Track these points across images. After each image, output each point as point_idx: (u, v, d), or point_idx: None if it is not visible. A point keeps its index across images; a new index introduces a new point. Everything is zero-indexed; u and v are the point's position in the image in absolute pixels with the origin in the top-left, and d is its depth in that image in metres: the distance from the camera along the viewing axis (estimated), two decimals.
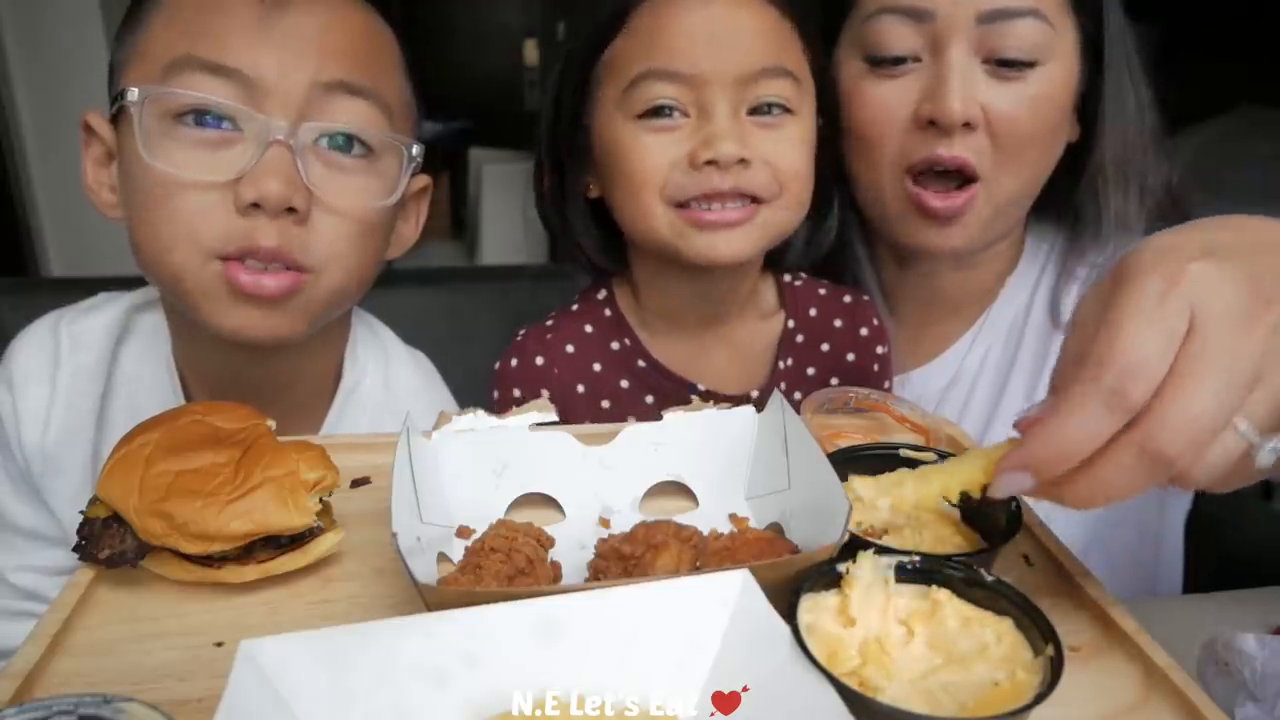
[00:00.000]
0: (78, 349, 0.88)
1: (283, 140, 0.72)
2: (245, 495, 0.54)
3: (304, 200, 0.73)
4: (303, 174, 0.73)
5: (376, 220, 0.80)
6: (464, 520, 0.61)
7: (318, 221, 0.76)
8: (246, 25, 0.73)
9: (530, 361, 0.89)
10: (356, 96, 0.76)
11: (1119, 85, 0.88)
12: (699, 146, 0.77)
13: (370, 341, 0.97)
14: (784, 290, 0.94)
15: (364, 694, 0.42)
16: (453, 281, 1.42)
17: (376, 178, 0.79)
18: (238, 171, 0.72)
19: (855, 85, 0.88)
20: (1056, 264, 0.98)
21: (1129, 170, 0.91)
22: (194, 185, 0.73)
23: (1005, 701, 0.44)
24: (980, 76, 0.83)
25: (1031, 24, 0.82)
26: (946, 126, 0.83)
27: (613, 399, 0.89)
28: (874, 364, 0.93)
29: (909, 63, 0.85)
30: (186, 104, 0.72)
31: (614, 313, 0.92)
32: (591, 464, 0.66)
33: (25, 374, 0.87)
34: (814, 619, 0.48)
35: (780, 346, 0.91)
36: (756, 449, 0.66)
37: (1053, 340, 0.96)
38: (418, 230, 0.92)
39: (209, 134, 0.73)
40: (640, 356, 0.91)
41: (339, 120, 0.76)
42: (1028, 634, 0.48)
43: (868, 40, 0.86)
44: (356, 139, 0.77)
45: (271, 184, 0.71)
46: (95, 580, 0.55)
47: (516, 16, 3.65)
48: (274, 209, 0.72)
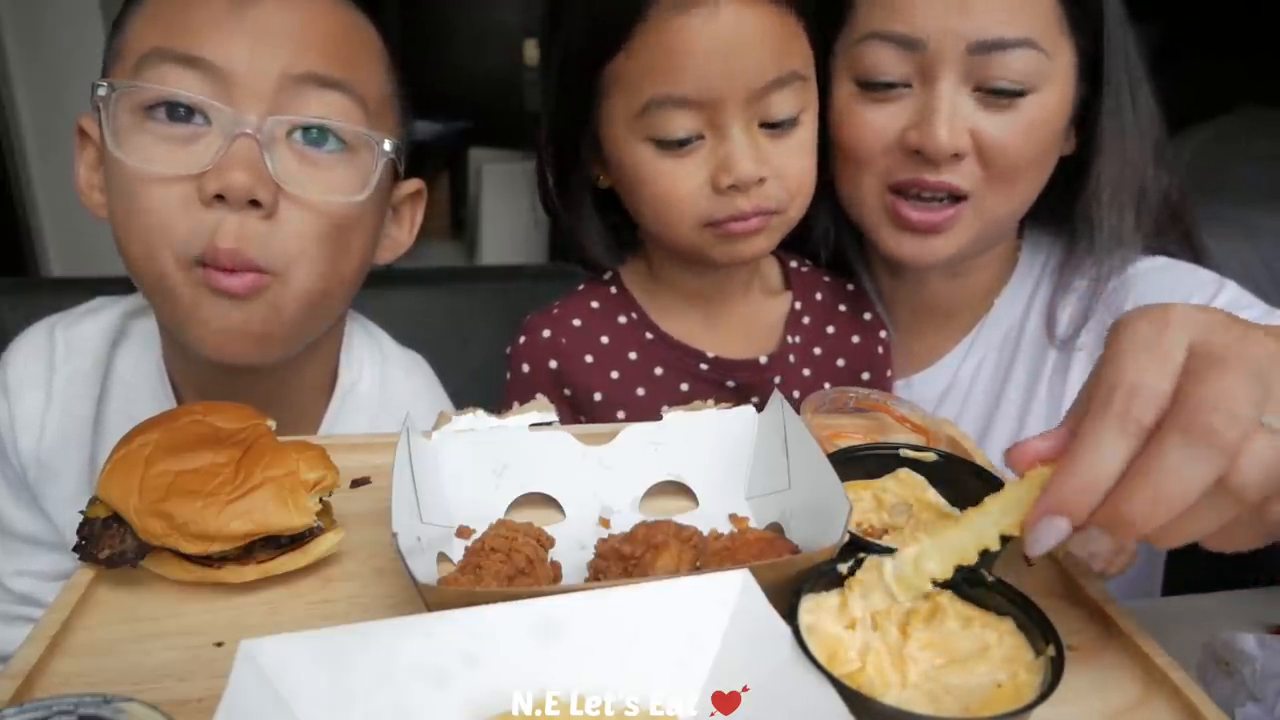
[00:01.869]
0: (73, 355, 0.88)
1: (250, 133, 0.71)
2: (245, 495, 0.54)
3: (268, 193, 0.72)
4: (269, 167, 0.72)
5: (348, 217, 0.78)
6: (464, 520, 0.61)
7: (285, 217, 0.74)
8: (218, 16, 0.72)
9: (537, 336, 0.90)
10: (329, 89, 0.75)
11: (1118, 102, 0.86)
12: (718, 171, 0.77)
13: (366, 344, 0.96)
14: (789, 274, 0.95)
15: (364, 694, 0.42)
16: (452, 281, 1.42)
17: (349, 172, 0.77)
18: (204, 165, 0.71)
19: (845, 106, 0.86)
20: (1052, 276, 0.97)
21: (1128, 185, 0.89)
22: (161, 179, 0.72)
23: (1007, 702, 0.44)
24: (970, 104, 0.81)
25: (1024, 54, 0.79)
26: (934, 157, 0.82)
27: (621, 370, 0.89)
28: (878, 347, 0.94)
29: (899, 88, 0.83)
30: (155, 97, 0.72)
31: (620, 290, 0.93)
32: (591, 464, 0.66)
33: (20, 380, 0.87)
34: (815, 619, 0.48)
35: (788, 325, 0.92)
36: (757, 449, 0.66)
37: (1048, 352, 0.96)
38: (412, 235, 0.91)
39: (178, 129, 0.72)
40: (648, 329, 0.91)
41: (310, 112, 0.74)
42: (1028, 634, 0.48)
43: (858, 63, 0.85)
44: (330, 132, 0.76)
45: (235, 176, 0.70)
46: (95, 580, 0.55)
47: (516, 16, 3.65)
48: (237, 201, 0.71)
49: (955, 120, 0.81)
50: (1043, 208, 0.92)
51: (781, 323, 0.93)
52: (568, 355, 0.89)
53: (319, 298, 0.79)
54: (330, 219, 0.77)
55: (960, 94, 0.81)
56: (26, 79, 2.39)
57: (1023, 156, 0.83)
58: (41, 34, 2.36)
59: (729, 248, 0.82)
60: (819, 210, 0.92)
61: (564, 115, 0.86)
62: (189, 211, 0.72)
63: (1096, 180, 0.89)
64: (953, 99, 0.81)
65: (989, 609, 0.49)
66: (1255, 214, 2.11)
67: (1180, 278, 0.92)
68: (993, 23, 0.79)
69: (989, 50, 0.79)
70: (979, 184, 0.84)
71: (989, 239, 0.91)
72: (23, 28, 2.35)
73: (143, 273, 0.75)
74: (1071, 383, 0.93)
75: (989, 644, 0.48)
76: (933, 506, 0.61)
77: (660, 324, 0.91)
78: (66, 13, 2.34)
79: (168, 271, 0.73)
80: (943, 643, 0.48)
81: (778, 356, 0.90)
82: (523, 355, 0.90)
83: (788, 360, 0.91)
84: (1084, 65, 0.85)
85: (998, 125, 0.81)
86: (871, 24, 0.83)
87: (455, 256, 3.31)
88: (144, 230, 0.73)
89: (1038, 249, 1.00)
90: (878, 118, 0.85)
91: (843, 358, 0.94)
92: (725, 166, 0.77)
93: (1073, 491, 0.45)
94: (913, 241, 0.87)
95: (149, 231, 0.73)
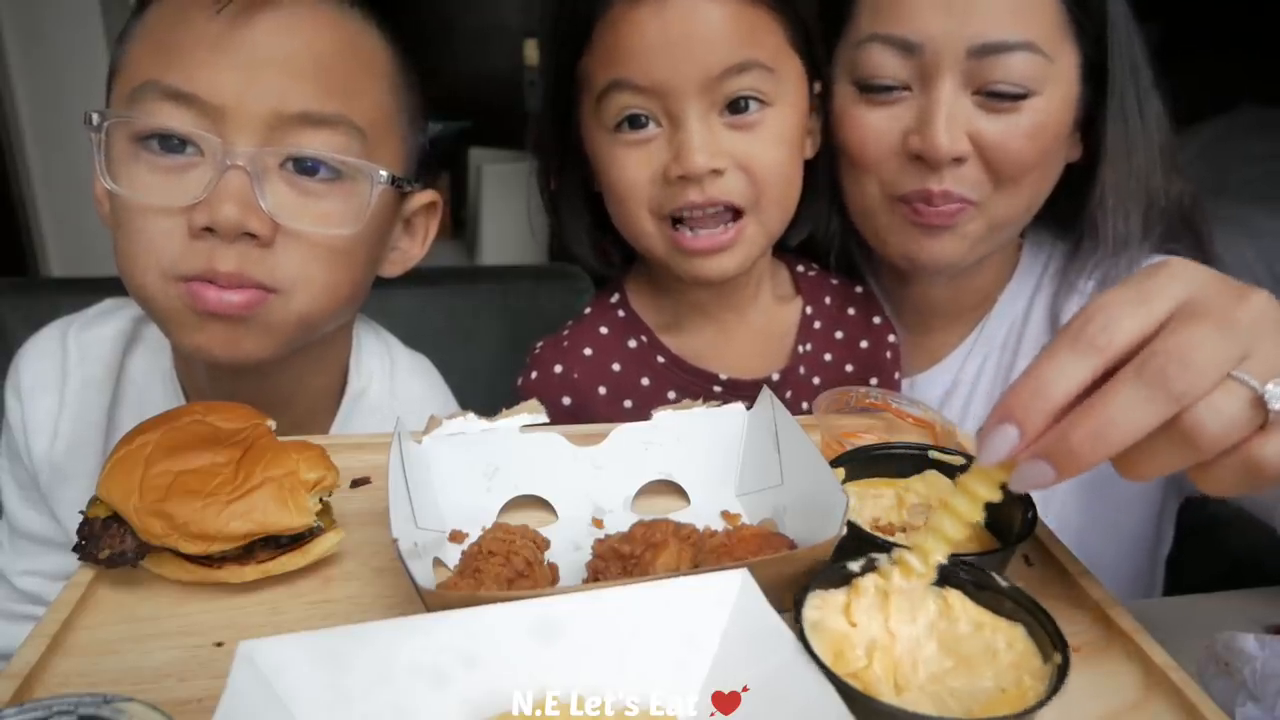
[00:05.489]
0: (85, 360, 0.88)
1: (241, 165, 0.70)
2: (245, 495, 0.54)
3: (262, 225, 0.71)
4: (261, 199, 0.71)
5: (347, 241, 0.77)
6: (456, 524, 0.61)
7: (283, 245, 0.73)
8: (206, 45, 0.71)
9: (549, 371, 0.89)
10: (323, 126, 0.73)
11: (1123, 107, 0.86)
12: (671, 161, 0.77)
13: (376, 349, 0.96)
14: (798, 280, 0.95)
15: (362, 694, 0.42)
16: (452, 281, 1.41)
17: (344, 200, 0.76)
18: (194, 197, 0.70)
19: (846, 109, 0.86)
20: (1055, 275, 0.97)
21: (1135, 192, 0.89)
22: (153, 210, 0.72)
23: (1010, 707, 0.44)
24: (969, 108, 0.81)
25: (1024, 57, 0.79)
26: (934, 162, 0.81)
27: (635, 398, 0.89)
28: (886, 351, 0.94)
29: (898, 91, 0.83)
30: (146, 129, 0.72)
31: (628, 313, 0.93)
32: (583, 465, 0.66)
33: (34, 384, 0.88)
34: (821, 615, 0.48)
35: (800, 332, 0.92)
36: (747, 445, 0.66)
37: None
38: (424, 248, 0.90)
39: (171, 159, 0.72)
40: (659, 352, 0.91)
41: (304, 147, 0.73)
42: (1038, 641, 0.47)
43: (858, 66, 0.84)
44: (323, 162, 0.74)
45: (225, 210, 0.69)
46: (95, 580, 0.55)
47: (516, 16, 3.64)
48: (228, 234, 0.70)
49: (955, 124, 0.80)
50: (1048, 214, 0.91)
51: (793, 330, 0.92)
52: (581, 391, 0.88)
53: (317, 315, 0.78)
54: (327, 247, 0.76)
55: (960, 97, 0.81)
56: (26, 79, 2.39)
57: (1025, 159, 0.82)
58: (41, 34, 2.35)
59: (692, 264, 0.81)
60: (823, 211, 0.92)
61: (547, 116, 0.87)
62: (181, 240, 0.72)
63: (1102, 187, 0.88)
64: (952, 102, 0.80)
65: (1000, 614, 0.49)
66: (1255, 214, 2.11)
67: None
68: (992, 26, 0.78)
69: (988, 54, 0.79)
70: (985, 192, 0.84)
71: (997, 240, 0.90)
72: (23, 28, 2.35)
73: (136, 292, 0.76)
74: None
75: (998, 649, 0.48)
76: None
77: (670, 345, 0.91)
78: (66, 13, 2.34)
79: (155, 292, 0.74)
80: (953, 645, 0.48)
81: (789, 371, 0.90)
82: (534, 391, 0.88)
83: (798, 373, 0.91)
84: (1088, 69, 0.84)
85: (999, 128, 0.81)
86: (871, 26, 0.83)
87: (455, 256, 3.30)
88: (134, 254, 0.73)
89: (1040, 249, 0.99)
90: (878, 120, 0.84)
91: (851, 363, 0.93)
92: (676, 156, 0.77)
93: (1025, 396, 0.46)
94: (923, 239, 0.87)
95: (139, 256, 0.73)
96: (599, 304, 0.94)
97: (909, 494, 0.62)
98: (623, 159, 0.79)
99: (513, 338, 1.30)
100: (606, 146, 0.81)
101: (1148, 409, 0.44)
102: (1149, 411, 0.44)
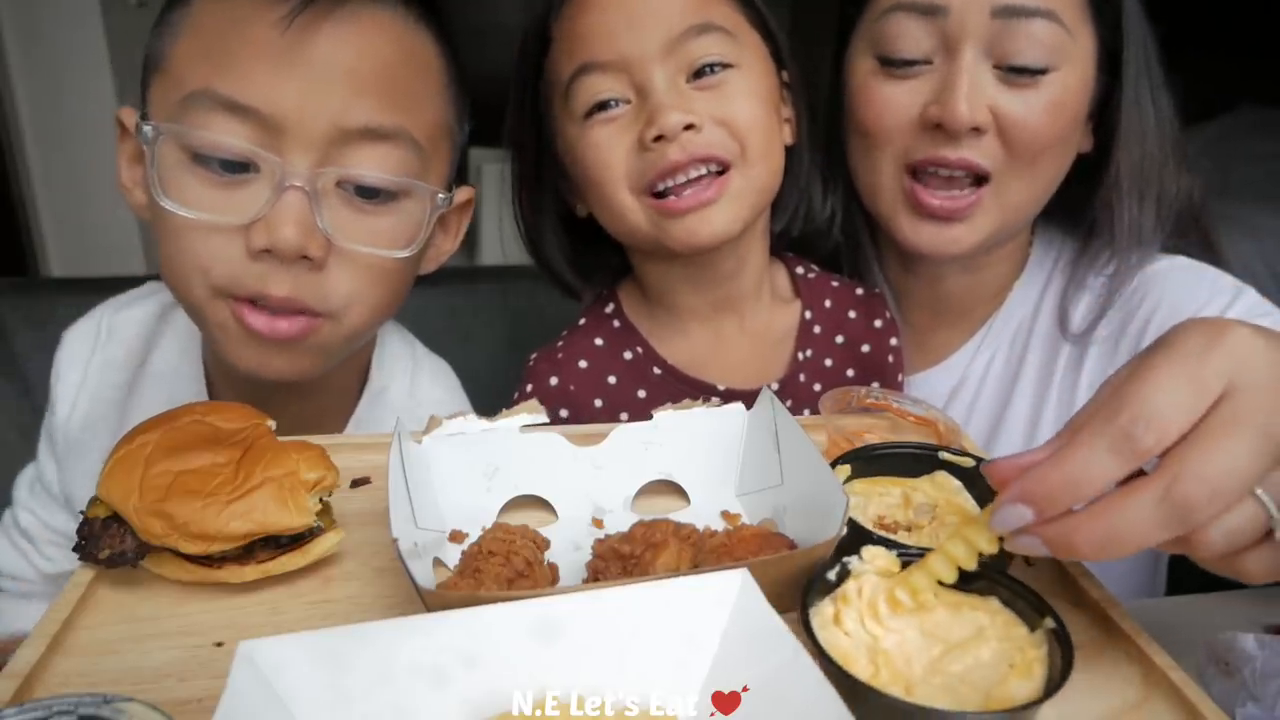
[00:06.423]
0: (112, 340, 0.91)
1: (300, 185, 0.69)
2: (245, 495, 0.54)
3: (319, 248, 0.70)
4: (319, 220, 0.70)
5: (398, 263, 0.77)
6: (456, 524, 0.61)
7: (335, 266, 0.73)
8: (268, 55, 0.68)
9: (545, 384, 0.89)
10: (383, 141, 0.72)
11: (1137, 96, 0.86)
12: (644, 127, 0.77)
13: (400, 350, 0.96)
14: (797, 282, 0.94)
15: (362, 694, 0.42)
16: (452, 281, 1.41)
17: (399, 218, 0.75)
18: (252, 215, 0.69)
19: (865, 83, 0.87)
20: (1065, 271, 0.96)
21: (1146, 184, 0.89)
22: (205, 226, 0.71)
23: (1021, 679, 0.45)
24: (991, 81, 0.82)
25: (1045, 26, 0.80)
26: (953, 130, 0.81)
27: (631, 411, 0.88)
28: (888, 355, 0.93)
29: (920, 65, 0.84)
30: (201, 145, 0.70)
31: (623, 323, 0.92)
32: (583, 465, 0.66)
33: (70, 357, 0.91)
34: (825, 635, 0.48)
35: (799, 337, 0.91)
36: (747, 446, 0.66)
37: (1061, 347, 0.95)
38: (456, 243, 0.90)
39: (227, 177, 0.70)
40: (654, 364, 0.90)
41: (363, 166, 0.72)
42: (1016, 609, 0.49)
43: (880, 39, 0.85)
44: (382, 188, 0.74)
45: (285, 232, 0.68)
46: (95, 580, 0.55)
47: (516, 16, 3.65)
48: (287, 257, 0.70)
49: (976, 94, 0.81)
50: (1058, 208, 0.92)
51: (792, 336, 0.92)
52: (577, 404, 0.88)
53: (364, 332, 0.79)
54: (380, 267, 0.76)
55: (982, 69, 0.81)
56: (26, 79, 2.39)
57: (1043, 135, 0.83)
58: (41, 34, 2.35)
59: (682, 227, 0.79)
60: (815, 198, 0.92)
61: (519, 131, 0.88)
62: (233, 259, 0.71)
63: (1116, 170, 0.88)
64: (974, 72, 0.81)
65: (972, 592, 0.50)
66: (1257, 214, 2.10)
67: (1199, 281, 0.91)
68: None
69: (1012, 15, 0.79)
70: (1000, 164, 0.84)
71: (1008, 230, 0.90)
72: (23, 28, 2.35)
73: (181, 299, 0.76)
74: (1085, 377, 0.93)
75: (982, 624, 0.49)
76: (961, 510, 0.61)
77: (666, 355, 0.90)
78: (66, 13, 2.34)
79: (202, 305, 0.74)
80: (935, 632, 0.49)
81: (788, 379, 0.90)
82: None
83: (798, 380, 0.90)
84: (1103, 56, 0.85)
85: (1019, 103, 0.82)
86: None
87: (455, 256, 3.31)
88: (183, 268, 0.73)
89: (1050, 244, 0.99)
90: (898, 94, 0.85)
91: (853, 368, 0.93)
92: (649, 120, 0.76)
93: (1047, 488, 0.45)
94: (932, 230, 0.87)
95: (189, 273, 0.73)
96: (593, 314, 0.94)
97: (916, 493, 0.62)
98: (595, 139, 0.79)
99: (512, 338, 1.30)
100: (578, 136, 0.80)
101: (1162, 531, 0.44)
102: (1163, 531, 0.44)
